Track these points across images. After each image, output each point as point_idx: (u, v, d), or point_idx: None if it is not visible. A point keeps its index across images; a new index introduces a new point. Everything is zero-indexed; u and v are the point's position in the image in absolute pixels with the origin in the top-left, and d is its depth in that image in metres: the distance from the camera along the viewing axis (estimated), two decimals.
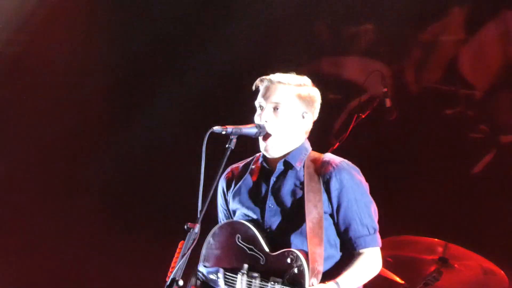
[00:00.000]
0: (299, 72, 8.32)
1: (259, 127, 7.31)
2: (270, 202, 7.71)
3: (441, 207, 12.34)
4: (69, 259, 14.52)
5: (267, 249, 7.44)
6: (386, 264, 8.47)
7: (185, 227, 6.71)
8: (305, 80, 7.46)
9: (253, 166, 7.88)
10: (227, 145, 7.10)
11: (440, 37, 13.22)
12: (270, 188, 7.71)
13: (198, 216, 6.76)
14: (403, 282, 10.20)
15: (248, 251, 7.59)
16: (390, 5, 13.12)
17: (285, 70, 9.01)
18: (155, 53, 15.52)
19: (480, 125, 12.54)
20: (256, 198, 7.79)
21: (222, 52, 14.79)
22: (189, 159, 8.60)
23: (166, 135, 14.42)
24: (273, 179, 7.67)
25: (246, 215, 7.84)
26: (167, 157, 11.75)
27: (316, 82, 8.76)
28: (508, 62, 12.69)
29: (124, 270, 11.98)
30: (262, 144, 7.50)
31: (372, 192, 7.51)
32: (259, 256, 7.55)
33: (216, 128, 6.89)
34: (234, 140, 7.17)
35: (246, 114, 7.87)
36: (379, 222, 7.60)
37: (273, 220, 7.70)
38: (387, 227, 8.19)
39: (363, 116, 10.35)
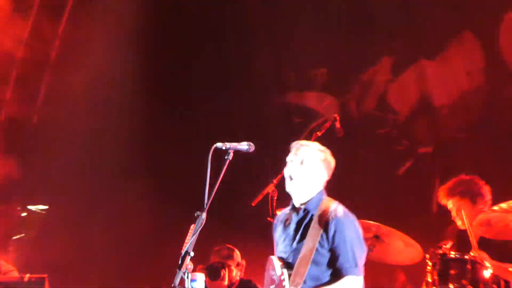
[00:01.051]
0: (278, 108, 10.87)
1: (249, 144, 7.99)
2: (289, 236, 9.12)
3: (375, 198, 13.69)
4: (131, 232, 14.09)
5: (278, 272, 8.83)
6: None
7: (195, 214, 7.50)
8: (325, 149, 9.00)
9: (287, 213, 9.19)
10: (225, 157, 7.97)
11: (374, 77, 14.53)
12: (291, 225, 9.03)
13: (205, 207, 7.64)
14: None
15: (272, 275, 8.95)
16: (338, 55, 14.14)
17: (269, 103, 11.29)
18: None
19: (402, 140, 14.07)
20: (282, 233, 9.17)
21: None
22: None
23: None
24: (294, 217, 9.00)
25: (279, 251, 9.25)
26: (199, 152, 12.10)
27: (285, 111, 11.15)
28: (422, 95, 14.10)
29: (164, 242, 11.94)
30: (290, 187, 8.94)
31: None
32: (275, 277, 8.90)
33: (218, 144, 7.76)
34: (232, 153, 8.04)
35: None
36: None
37: (288, 249, 9.06)
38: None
39: (319, 134, 10.71)
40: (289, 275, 8.67)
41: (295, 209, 8.93)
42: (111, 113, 15.81)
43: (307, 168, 8.78)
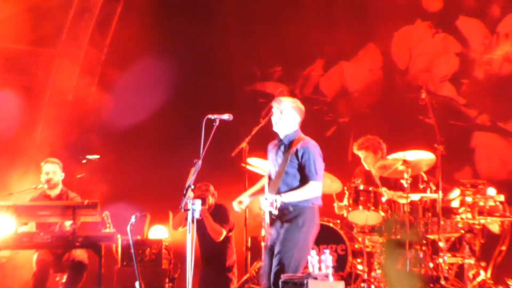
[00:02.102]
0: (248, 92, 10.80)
1: (229, 116, 8.81)
2: (277, 160, 9.11)
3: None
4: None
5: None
6: None
7: (194, 161, 8.51)
8: (296, 100, 9.24)
9: (275, 143, 9.15)
10: (214, 124, 8.65)
11: (311, 73, 14.40)
12: (279, 152, 9.03)
13: (200, 157, 8.52)
14: None
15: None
16: (288, 57, 14.26)
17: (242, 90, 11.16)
18: None
19: (329, 113, 14.00)
20: (274, 156, 9.13)
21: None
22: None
23: None
24: (281, 147, 8.96)
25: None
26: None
27: (253, 94, 11.04)
28: (342, 84, 14.11)
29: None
30: (275, 128, 9.12)
31: None
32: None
33: (209, 116, 8.68)
34: (218, 121, 8.73)
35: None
36: None
37: (275, 167, 9.12)
38: None
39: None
40: (269, 185, 8.77)
41: (281, 142, 8.98)
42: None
43: (285, 115, 8.88)
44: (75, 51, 14.59)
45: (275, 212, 8.65)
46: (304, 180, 8.71)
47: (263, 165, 11.12)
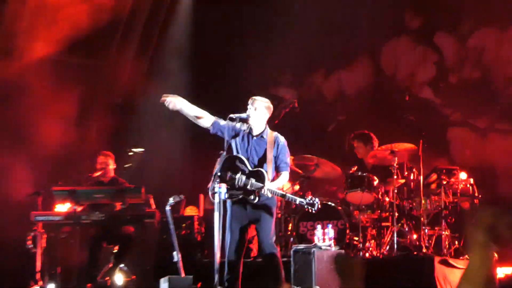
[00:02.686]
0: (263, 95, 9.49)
1: (248, 115, 8.87)
2: (253, 150, 8.97)
3: (316, 142, 13.06)
4: None
5: (249, 168, 8.79)
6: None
7: (220, 152, 8.76)
8: (268, 101, 9.10)
9: (245, 130, 9.04)
10: (235, 122, 8.82)
11: (315, 80, 14.07)
12: (253, 143, 8.97)
13: (224, 149, 8.77)
14: (301, 172, 11.19)
15: (241, 167, 8.80)
16: (297, 67, 13.93)
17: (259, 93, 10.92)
18: None
19: (330, 112, 13.72)
20: (246, 146, 9.03)
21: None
22: None
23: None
24: (254, 140, 8.92)
25: (238, 151, 9.11)
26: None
27: (267, 97, 10.75)
28: (340, 89, 13.99)
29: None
30: (251, 122, 8.94)
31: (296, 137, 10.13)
32: (246, 169, 8.76)
33: (231, 115, 8.82)
34: (238, 120, 8.86)
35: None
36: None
37: (255, 157, 8.93)
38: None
39: (287, 110, 11.01)
40: (261, 171, 8.66)
41: (252, 135, 8.96)
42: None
43: (258, 112, 8.85)
44: (122, 63, 14.47)
45: (257, 198, 8.64)
46: (278, 168, 8.78)
47: None
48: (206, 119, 9.09)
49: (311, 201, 8.73)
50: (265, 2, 13.83)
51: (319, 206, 8.70)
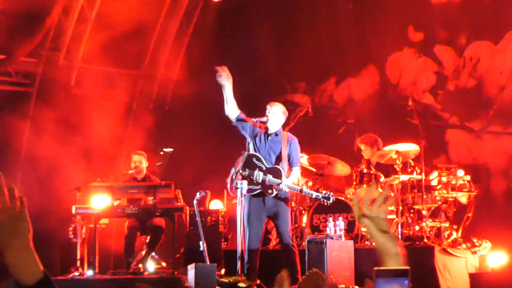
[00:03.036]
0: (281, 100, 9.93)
1: (267, 118, 8.91)
2: (270, 149, 9.08)
3: (329, 143, 12.95)
4: None
5: (266, 165, 8.95)
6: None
7: (242, 152, 8.97)
8: (283, 106, 9.23)
9: (261, 130, 9.13)
10: (256, 125, 9.02)
11: (327, 87, 13.96)
12: (269, 143, 9.10)
13: (246, 148, 8.99)
14: (314, 169, 11.24)
15: (258, 164, 8.97)
16: (310, 77, 13.94)
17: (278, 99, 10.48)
18: None
19: (340, 116, 13.53)
20: (264, 145, 9.10)
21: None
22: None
23: None
24: (270, 139, 9.07)
25: (256, 149, 9.15)
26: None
27: (284, 103, 10.90)
28: (349, 95, 13.80)
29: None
30: (269, 125, 9.01)
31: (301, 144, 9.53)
32: (263, 166, 8.92)
33: (253, 119, 9.08)
34: (259, 123, 9.02)
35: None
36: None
37: (272, 155, 9.07)
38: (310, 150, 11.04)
39: (301, 114, 10.85)
40: (278, 168, 8.81)
41: (268, 134, 9.04)
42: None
43: (276, 116, 8.92)
44: (154, 72, 14.44)
45: (275, 192, 8.74)
46: (290, 164, 8.83)
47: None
48: (234, 108, 9.01)
49: (327, 194, 8.81)
50: (286, 17, 13.72)
51: (334, 199, 8.85)
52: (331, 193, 8.87)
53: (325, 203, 8.99)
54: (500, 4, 12.32)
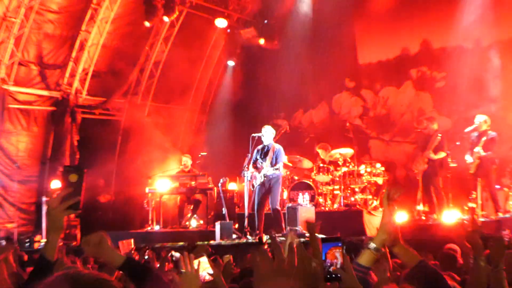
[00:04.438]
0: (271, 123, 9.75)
1: (262, 134, 8.61)
2: (264, 154, 8.74)
3: (305, 151, 11.64)
4: None
5: (261, 164, 8.60)
6: None
7: (247, 155, 8.72)
8: (272, 128, 8.83)
9: (260, 147, 8.75)
10: (255, 138, 8.69)
11: (297, 115, 13.36)
12: (264, 151, 8.70)
13: (250, 151, 8.74)
14: (291, 164, 10.31)
15: (258, 164, 8.68)
16: (289, 107, 13.10)
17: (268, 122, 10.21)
18: None
19: (306, 133, 12.99)
20: (261, 152, 8.67)
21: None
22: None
23: None
24: (265, 148, 8.65)
25: (258, 155, 8.79)
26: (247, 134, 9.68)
27: (272, 125, 9.59)
28: (311, 119, 13.12)
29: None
30: (263, 139, 8.71)
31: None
32: (259, 164, 8.63)
33: (253, 134, 8.80)
34: (257, 137, 8.75)
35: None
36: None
37: (265, 158, 8.67)
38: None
39: (282, 131, 10.09)
40: (261, 165, 8.51)
41: (263, 146, 8.70)
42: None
43: (267, 133, 8.59)
44: (194, 107, 13.91)
45: (263, 178, 8.43)
46: (273, 165, 8.45)
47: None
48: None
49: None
50: (272, 70, 12.90)
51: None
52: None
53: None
54: (401, 64, 12.08)
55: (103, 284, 1.41)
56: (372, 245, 2.15)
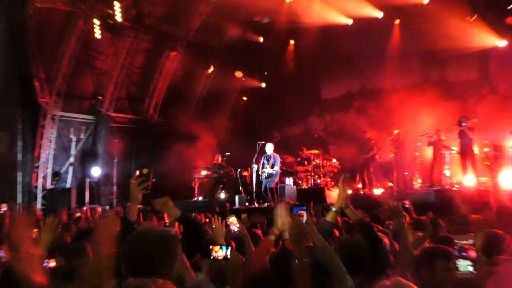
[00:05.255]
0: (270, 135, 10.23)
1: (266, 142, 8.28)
2: (267, 160, 8.34)
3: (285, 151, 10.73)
4: None
5: (265, 166, 8.18)
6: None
7: (254, 154, 8.55)
8: (273, 145, 8.43)
9: (265, 155, 8.19)
10: (260, 144, 8.34)
11: (286, 129, 12.83)
12: (266, 158, 8.31)
13: (256, 155, 8.49)
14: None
15: (264, 166, 8.27)
16: (281, 127, 12.56)
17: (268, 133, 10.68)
18: None
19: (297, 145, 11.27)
20: (264, 159, 8.23)
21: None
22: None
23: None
24: (268, 156, 8.24)
25: (263, 161, 8.30)
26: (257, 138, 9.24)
27: (271, 135, 10.17)
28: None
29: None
30: (266, 148, 8.25)
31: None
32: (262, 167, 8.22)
33: (259, 142, 8.57)
34: (261, 145, 8.42)
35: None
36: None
37: (266, 162, 8.24)
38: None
39: (275, 141, 9.48)
40: (264, 168, 8.22)
41: (267, 156, 8.35)
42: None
43: (269, 148, 8.36)
44: (218, 122, 12.92)
45: (267, 174, 8.25)
46: (274, 166, 8.21)
47: None
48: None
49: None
50: (270, 98, 12.29)
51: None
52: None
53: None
54: (348, 98, 11.82)
55: (167, 234, 1.45)
56: (333, 208, 2.20)
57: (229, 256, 2.12)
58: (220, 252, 2.18)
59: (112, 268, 1.30)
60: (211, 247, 2.18)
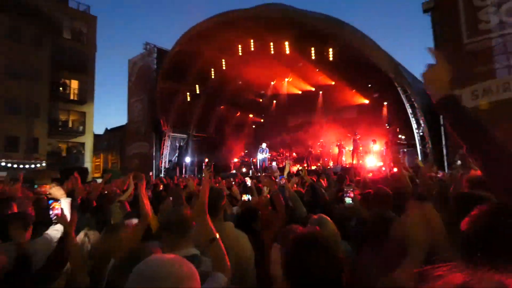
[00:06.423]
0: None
1: (265, 147, 7.82)
2: (264, 162, 7.96)
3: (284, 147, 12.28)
4: None
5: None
6: None
7: (254, 155, 9.42)
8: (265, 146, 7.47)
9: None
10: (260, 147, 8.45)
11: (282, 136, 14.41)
12: (265, 159, 7.71)
13: (258, 153, 8.96)
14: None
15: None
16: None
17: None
18: None
19: (296, 147, 13.43)
20: (262, 162, 7.73)
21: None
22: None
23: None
24: (263, 150, 7.55)
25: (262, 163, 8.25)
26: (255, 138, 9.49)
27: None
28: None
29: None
30: (263, 146, 7.78)
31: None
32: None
33: (260, 146, 8.89)
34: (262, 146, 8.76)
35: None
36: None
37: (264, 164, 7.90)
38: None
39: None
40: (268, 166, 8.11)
41: (263, 149, 8.03)
42: None
43: (264, 145, 7.89)
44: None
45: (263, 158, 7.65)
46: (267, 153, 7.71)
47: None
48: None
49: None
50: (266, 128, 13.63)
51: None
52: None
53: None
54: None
55: (219, 191, 2.17)
56: (285, 175, 2.67)
57: (250, 199, 3.24)
58: (245, 197, 3.30)
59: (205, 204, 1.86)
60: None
